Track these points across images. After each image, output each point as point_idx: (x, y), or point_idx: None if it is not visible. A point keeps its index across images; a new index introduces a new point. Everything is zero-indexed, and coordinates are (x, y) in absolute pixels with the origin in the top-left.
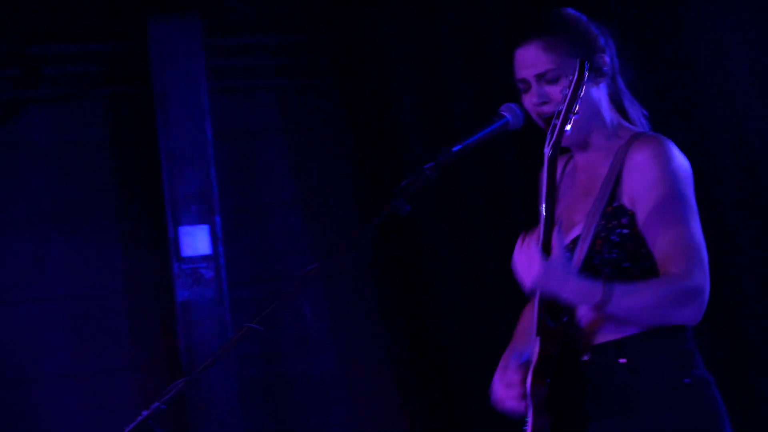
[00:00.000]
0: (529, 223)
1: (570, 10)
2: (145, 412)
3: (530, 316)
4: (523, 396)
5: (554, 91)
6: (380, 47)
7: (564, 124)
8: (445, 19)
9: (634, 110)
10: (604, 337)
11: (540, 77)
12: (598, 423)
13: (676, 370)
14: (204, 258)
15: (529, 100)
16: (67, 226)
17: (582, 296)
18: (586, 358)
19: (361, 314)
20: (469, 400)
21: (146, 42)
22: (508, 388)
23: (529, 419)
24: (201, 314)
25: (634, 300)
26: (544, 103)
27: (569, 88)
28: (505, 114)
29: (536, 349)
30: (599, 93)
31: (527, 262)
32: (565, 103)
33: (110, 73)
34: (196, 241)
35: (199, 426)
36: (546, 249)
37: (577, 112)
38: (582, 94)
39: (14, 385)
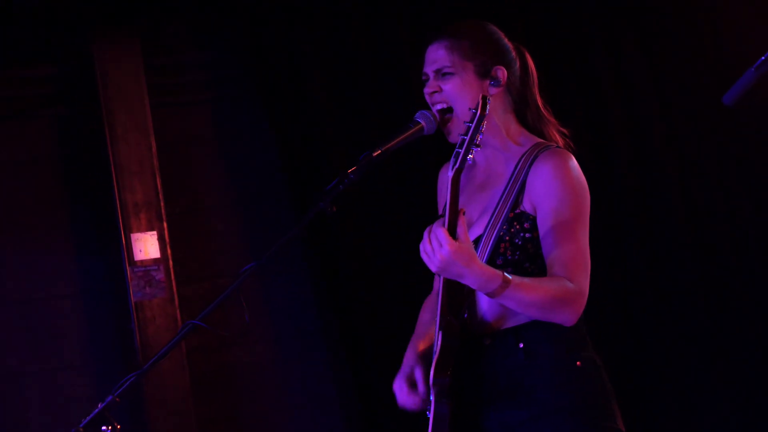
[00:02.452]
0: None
1: (483, 23)
2: (101, 405)
3: (430, 311)
4: (424, 399)
5: (446, 85)
6: (295, 60)
7: (467, 153)
8: (354, 32)
9: (546, 126)
10: (504, 324)
11: (437, 72)
12: (495, 403)
13: (568, 353)
14: (154, 261)
15: (425, 90)
16: (23, 237)
17: (483, 280)
18: (486, 342)
19: (297, 305)
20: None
21: (92, 64)
22: (409, 393)
23: (432, 408)
24: (153, 312)
25: (527, 293)
26: (434, 93)
27: (472, 122)
28: (419, 120)
29: (438, 343)
30: (493, 101)
31: (436, 245)
32: (469, 135)
33: (59, 94)
34: (147, 246)
35: (155, 416)
36: (452, 233)
37: (480, 145)
38: (483, 128)
39: None
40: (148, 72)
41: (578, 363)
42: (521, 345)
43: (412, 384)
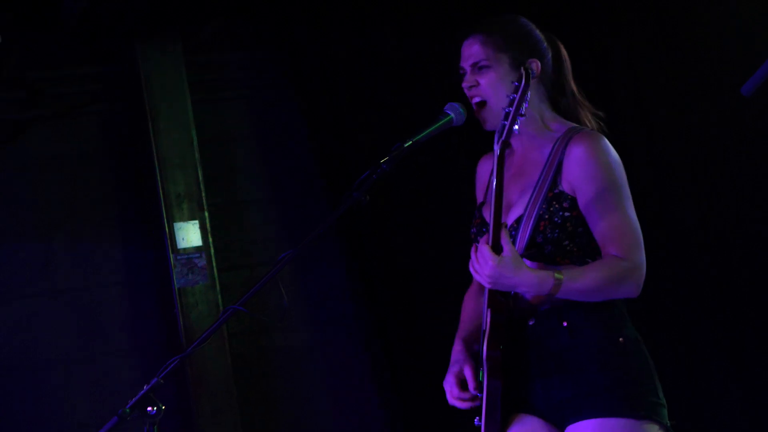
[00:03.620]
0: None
1: (515, 17)
2: (146, 387)
3: (472, 299)
4: (473, 399)
5: (482, 79)
6: (329, 57)
7: (512, 124)
8: (383, 34)
9: (581, 112)
10: (547, 304)
11: (474, 66)
12: (542, 380)
13: (611, 331)
14: (196, 249)
15: (463, 85)
16: (72, 228)
17: (536, 285)
18: (531, 322)
19: (334, 292)
20: (426, 363)
21: (135, 63)
22: (460, 390)
23: (485, 382)
24: (196, 298)
25: (582, 283)
26: (472, 87)
27: (517, 92)
28: (449, 112)
29: (488, 320)
30: (530, 91)
31: (482, 262)
32: (514, 106)
33: (105, 92)
34: (189, 234)
35: (198, 397)
36: (495, 246)
37: (524, 114)
38: (528, 97)
39: (26, 372)
40: (189, 70)
41: (621, 339)
42: (564, 324)
43: (462, 383)
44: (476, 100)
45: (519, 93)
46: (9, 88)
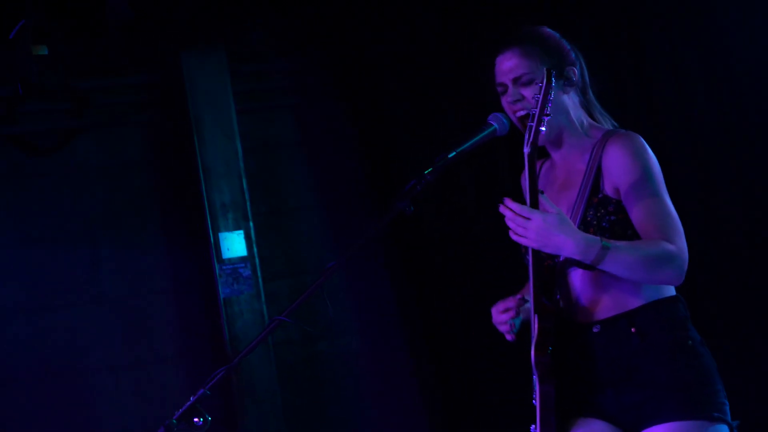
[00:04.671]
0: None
1: (544, 28)
2: (192, 398)
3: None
4: (512, 325)
5: (527, 92)
6: (375, 65)
7: (539, 125)
8: (431, 38)
9: (603, 118)
10: (611, 311)
11: (516, 80)
12: (613, 386)
13: (678, 333)
14: (241, 259)
15: (505, 101)
16: (118, 237)
17: (583, 246)
18: (596, 329)
19: (380, 299)
20: (472, 368)
21: (180, 72)
22: (502, 312)
23: (536, 387)
24: (241, 307)
25: (628, 255)
26: (518, 101)
27: (540, 93)
28: (492, 122)
29: (535, 326)
30: (569, 99)
31: (523, 221)
32: (538, 107)
33: (150, 101)
34: (234, 244)
35: (245, 405)
36: (535, 208)
37: (549, 114)
38: (552, 97)
39: (73, 377)
40: (233, 79)
41: (689, 342)
42: (633, 330)
43: (505, 307)
44: (522, 113)
45: (542, 93)
46: (56, 98)
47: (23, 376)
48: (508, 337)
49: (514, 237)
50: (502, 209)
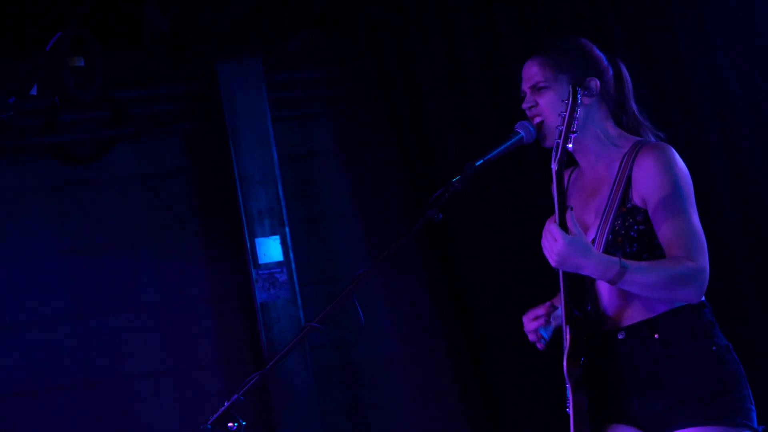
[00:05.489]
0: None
1: (575, 38)
2: (227, 403)
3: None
4: (540, 335)
5: (541, 99)
6: (413, 73)
7: (565, 142)
8: (468, 45)
9: (642, 128)
10: (635, 318)
11: (533, 87)
12: (638, 392)
13: (702, 339)
14: (278, 264)
15: (523, 106)
16: (157, 244)
17: (601, 268)
18: (621, 337)
19: (418, 303)
20: (512, 372)
21: (217, 82)
22: (531, 320)
23: (569, 397)
24: (278, 313)
25: (645, 277)
26: (532, 107)
27: (566, 111)
28: (519, 131)
29: (567, 336)
30: (588, 110)
31: (551, 240)
32: (564, 124)
33: (187, 110)
34: (270, 250)
35: (282, 409)
36: (563, 228)
37: (576, 131)
38: (578, 115)
39: (114, 384)
40: (269, 87)
41: (713, 348)
42: (656, 336)
43: (535, 315)
44: (536, 120)
45: (568, 111)
46: (94, 108)
47: (66, 382)
48: (539, 345)
49: (544, 252)
50: (544, 229)
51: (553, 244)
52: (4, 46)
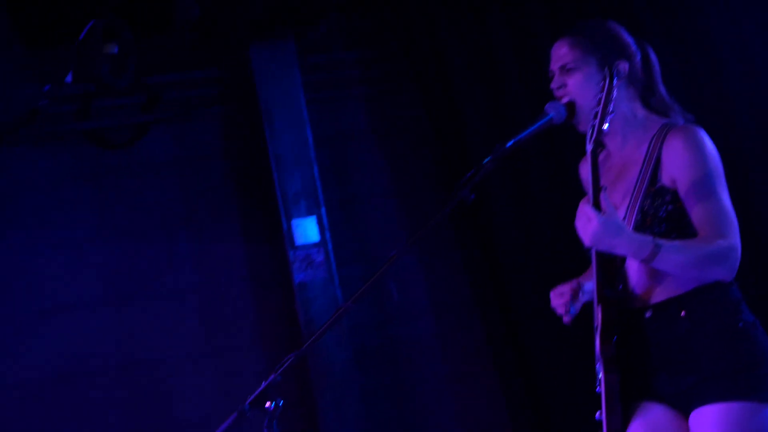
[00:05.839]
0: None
1: (604, 21)
2: (264, 383)
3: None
4: (568, 308)
5: (570, 80)
6: (445, 53)
7: (602, 123)
8: (500, 28)
9: (667, 110)
10: (662, 296)
11: (562, 68)
12: (667, 369)
13: (729, 316)
14: (314, 245)
15: (552, 86)
16: (193, 227)
17: (635, 247)
18: (648, 315)
19: (456, 281)
20: (550, 351)
21: (250, 65)
22: (558, 296)
23: (602, 376)
24: (315, 292)
25: (679, 256)
26: (560, 88)
27: (603, 92)
28: (549, 112)
29: (599, 316)
30: (617, 92)
31: (585, 220)
32: (601, 105)
33: (220, 94)
34: (307, 230)
35: (322, 388)
36: (597, 208)
37: (613, 111)
38: (615, 95)
39: (153, 367)
40: (303, 70)
41: (740, 325)
42: (683, 314)
43: (560, 292)
44: (564, 100)
45: (605, 92)
46: (129, 94)
47: (105, 366)
48: (565, 320)
49: (578, 232)
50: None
51: (587, 224)
52: (38, 35)
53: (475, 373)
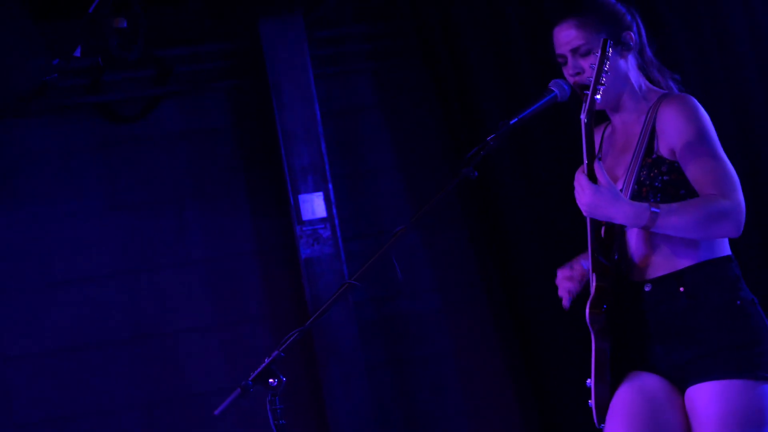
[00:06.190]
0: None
1: None
2: (267, 359)
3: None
4: (573, 296)
5: (586, 63)
6: (454, 28)
7: (594, 94)
8: (510, 0)
9: (663, 77)
10: (662, 270)
11: (574, 52)
12: (663, 343)
13: (727, 293)
14: (321, 220)
15: (567, 73)
16: (202, 200)
17: (633, 217)
18: (647, 288)
19: (460, 256)
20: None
21: (258, 39)
22: (566, 280)
23: (593, 344)
24: (322, 268)
25: (679, 217)
26: (578, 73)
27: (595, 63)
28: (553, 89)
29: (593, 284)
30: (627, 64)
31: (579, 190)
32: (593, 77)
33: (229, 68)
34: (313, 206)
35: (327, 364)
36: (592, 178)
37: (604, 83)
38: (607, 68)
39: (162, 339)
40: (311, 44)
41: (738, 302)
42: (682, 289)
43: (570, 276)
44: (583, 84)
45: (597, 63)
46: (139, 67)
47: (115, 337)
48: (565, 304)
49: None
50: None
51: (581, 194)
52: (47, 8)
53: (480, 348)
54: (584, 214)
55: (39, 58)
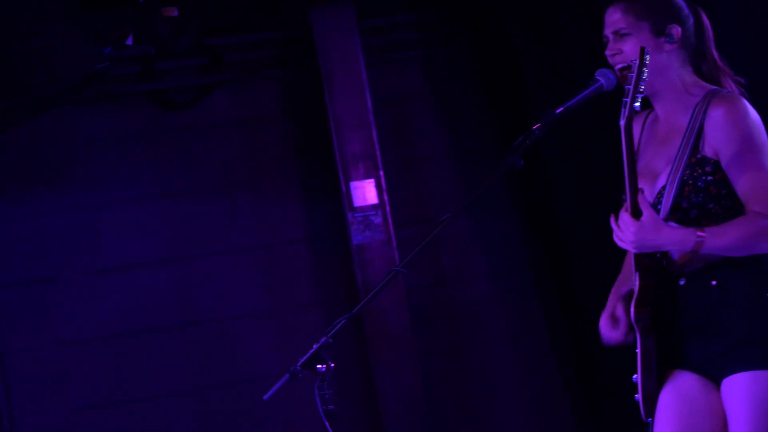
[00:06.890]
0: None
1: None
2: (315, 345)
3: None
4: (625, 333)
5: (625, 46)
6: (504, 14)
7: (633, 101)
8: None
9: (718, 75)
10: (696, 264)
11: (616, 33)
12: (696, 336)
13: (758, 288)
14: (372, 207)
15: (606, 52)
16: (254, 188)
17: (679, 243)
18: (682, 282)
19: (509, 240)
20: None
21: (310, 28)
22: (608, 328)
23: (638, 342)
24: (373, 254)
25: (724, 240)
26: (615, 54)
27: (634, 71)
28: (599, 78)
29: (636, 283)
30: (669, 57)
31: (624, 228)
32: (632, 84)
33: (281, 56)
34: (365, 192)
35: (377, 349)
36: (635, 212)
37: (642, 91)
38: (645, 77)
39: (213, 326)
40: (362, 33)
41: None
42: (714, 282)
43: (615, 320)
44: (619, 66)
45: (635, 71)
46: (191, 55)
47: (166, 324)
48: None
49: (618, 243)
50: (611, 221)
51: (626, 232)
52: None
53: (527, 335)
54: (631, 251)
55: (91, 46)
